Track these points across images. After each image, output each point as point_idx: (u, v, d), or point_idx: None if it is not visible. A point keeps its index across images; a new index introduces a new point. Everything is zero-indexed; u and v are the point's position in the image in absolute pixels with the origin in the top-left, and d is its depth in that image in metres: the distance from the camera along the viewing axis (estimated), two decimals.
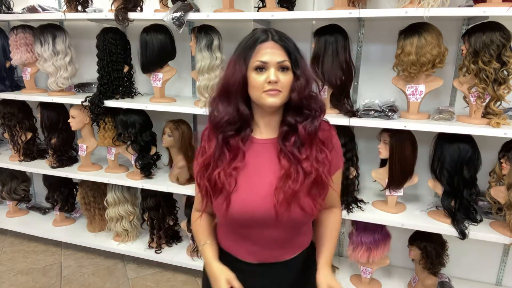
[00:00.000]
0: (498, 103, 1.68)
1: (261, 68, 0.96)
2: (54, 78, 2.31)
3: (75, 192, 2.71)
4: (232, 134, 1.01)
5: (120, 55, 2.23)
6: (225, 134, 1.01)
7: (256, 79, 0.96)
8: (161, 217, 2.39)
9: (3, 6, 2.40)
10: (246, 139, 1.04)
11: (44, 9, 2.25)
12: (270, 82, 0.94)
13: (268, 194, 0.99)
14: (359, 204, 1.99)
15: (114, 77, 2.24)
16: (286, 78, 0.96)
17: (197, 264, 2.31)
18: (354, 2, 1.84)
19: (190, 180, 2.27)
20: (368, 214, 1.92)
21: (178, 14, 1.93)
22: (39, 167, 2.54)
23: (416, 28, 1.68)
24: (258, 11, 1.99)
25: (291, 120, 1.01)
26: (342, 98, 1.91)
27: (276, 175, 1.00)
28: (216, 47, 2.00)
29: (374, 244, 1.93)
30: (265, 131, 1.06)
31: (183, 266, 2.35)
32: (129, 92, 2.35)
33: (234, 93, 0.99)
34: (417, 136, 1.84)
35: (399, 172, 1.84)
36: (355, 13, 1.70)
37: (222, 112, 1.01)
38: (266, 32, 0.99)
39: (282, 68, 0.96)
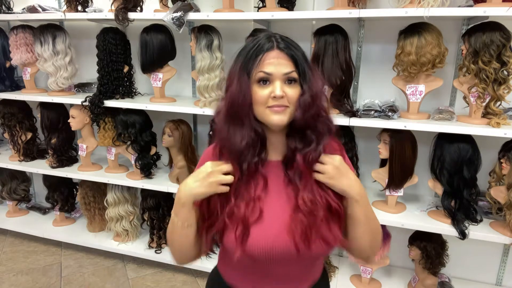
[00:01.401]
0: (498, 103, 1.68)
1: (265, 80, 0.85)
2: (54, 78, 2.31)
3: (75, 192, 2.70)
4: (256, 160, 0.89)
5: (120, 55, 2.23)
6: (249, 161, 0.88)
7: (259, 93, 0.84)
8: (161, 217, 2.39)
9: (3, 6, 2.40)
10: (264, 162, 0.92)
11: (44, 9, 2.25)
12: (275, 97, 0.83)
13: (286, 226, 0.88)
14: None
15: (114, 77, 2.24)
16: (293, 92, 0.85)
17: (197, 264, 2.31)
18: (354, 2, 1.85)
19: None
20: None
21: (178, 14, 1.93)
22: (39, 167, 2.53)
23: (416, 28, 1.68)
24: (258, 11, 1.99)
25: (291, 145, 0.90)
26: (342, 98, 1.91)
27: (290, 204, 0.89)
28: (216, 47, 2.00)
29: None
30: (273, 151, 0.94)
31: (183, 266, 2.35)
32: (129, 92, 2.35)
33: (245, 112, 0.86)
34: (417, 136, 1.84)
35: (399, 172, 1.84)
36: (355, 13, 1.70)
37: (238, 136, 0.87)
38: (271, 38, 0.87)
39: (289, 80, 0.85)
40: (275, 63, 0.84)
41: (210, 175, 0.88)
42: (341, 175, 0.88)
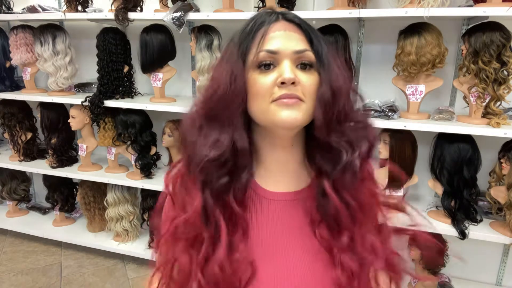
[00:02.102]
0: (498, 103, 1.67)
1: (268, 64, 0.58)
2: (54, 78, 2.31)
3: (75, 192, 2.70)
4: (226, 185, 0.58)
5: (120, 55, 2.23)
6: (214, 185, 0.58)
7: (260, 82, 0.57)
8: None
9: (3, 6, 2.39)
10: (242, 193, 0.60)
11: (44, 9, 2.25)
12: (283, 83, 0.56)
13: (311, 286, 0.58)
14: None
15: (114, 77, 2.24)
16: (310, 80, 0.58)
17: None
18: (354, 2, 1.85)
19: None
20: None
21: (178, 14, 1.93)
22: (39, 167, 2.53)
23: (416, 28, 1.68)
24: (258, 11, 1.99)
25: (316, 165, 0.61)
26: None
27: (313, 258, 0.60)
28: (216, 47, 2.00)
29: None
30: (280, 178, 0.64)
31: None
32: (129, 92, 2.35)
33: (227, 110, 0.58)
34: (417, 136, 1.84)
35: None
36: (355, 13, 1.70)
37: (206, 145, 0.58)
38: (273, 11, 0.63)
39: (303, 64, 0.58)
40: (282, 37, 0.58)
41: None
42: None
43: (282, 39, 0.58)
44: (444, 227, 1.78)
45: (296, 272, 0.59)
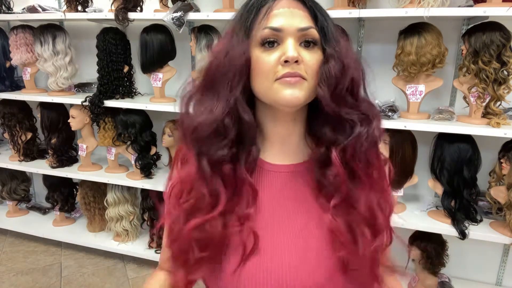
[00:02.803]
0: (498, 103, 1.67)
1: (271, 41, 0.58)
2: (54, 78, 2.31)
3: (75, 192, 2.70)
4: (224, 156, 0.59)
5: (120, 55, 2.23)
6: (211, 155, 0.58)
7: (263, 60, 0.58)
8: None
9: (3, 6, 2.39)
10: (253, 164, 0.63)
11: (44, 9, 2.25)
12: (287, 62, 0.56)
13: (303, 261, 0.60)
14: None
15: (114, 77, 2.24)
16: (313, 58, 0.58)
17: None
18: (354, 2, 1.85)
19: None
20: None
21: (178, 14, 1.93)
22: (39, 167, 2.53)
23: (416, 28, 1.68)
24: None
25: (331, 134, 0.61)
26: None
27: (314, 227, 0.62)
28: None
29: None
30: (282, 151, 0.66)
31: None
32: (129, 92, 2.35)
33: (228, 82, 0.58)
34: (417, 136, 1.84)
35: (399, 172, 1.84)
36: (355, 13, 1.70)
37: (203, 112, 0.59)
38: None
39: (307, 42, 0.59)
40: (286, 14, 0.58)
41: None
42: None
43: (286, 16, 0.58)
44: (444, 227, 1.78)
45: (299, 237, 0.61)
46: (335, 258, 0.60)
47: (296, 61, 0.57)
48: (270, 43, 0.58)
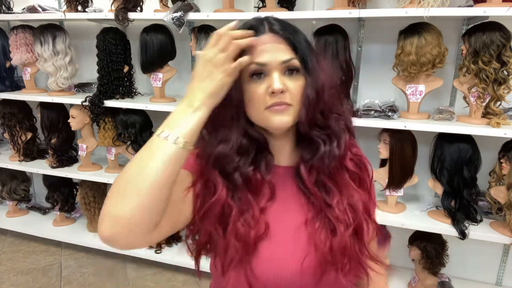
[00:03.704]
0: (498, 103, 1.68)
1: (259, 73, 0.67)
2: (54, 78, 2.31)
3: (75, 192, 2.70)
4: (252, 168, 0.71)
5: (120, 55, 2.23)
6: (242, 170, 0.70)
7: (255, 91, 0.67)
8: None
9: (3, 6, 2.39)
10: (270, 166, 0.74)
11: (44, 9, 2.25)
12: (273, 93, 0.66)
13: (303, 246, 0.71)
14: None
15: (114, 77, 2.24)
16: (296, 85, 0.68)
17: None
18: (354, 2, 1.84)
19: None
20: None
21: (178, 14, 1.93)
22: (39, 167, 2.53)
23: (416, 28, 1.68)
24: (258, 11, 2.00)
25: (302, 152, 0.74)
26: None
27: (305, 218, 0.74)
28: None
29: None
30: (281, 156, 0.78)
31: (183, 266, 2.35)
32: (129, 92, 2.35)
33: (231, 114, 0.69)
34: (417, 136, 1.84)
35: (399, 172, 1.84)
36: (355, 13, 1.70)
37: (223, 142, 0.70)
38: (262, 21, 0.70)
39: (290, 70, 0.68)
40: (270, 50, 0.67)
41: (224, 63, 0.64)
42: None
43: (270, 52, 0.67)
44: (444, 227, 1.78)
45: (301, 228, 0.72)
46: (321, 250, 0.70)
47: (282, 91, 0.66)
48: (257, 74, 0.68)
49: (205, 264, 0.80)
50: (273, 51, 0.67)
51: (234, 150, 0.69)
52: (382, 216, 1.90)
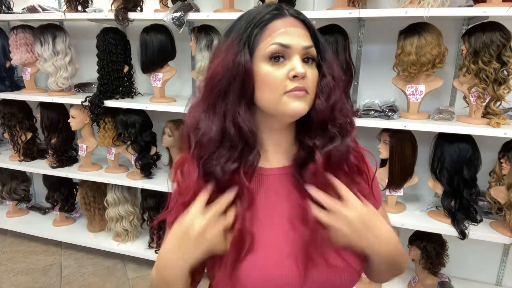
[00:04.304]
0: (498, 103, 1.67)
1: (278, 56, 0.63)
2: (54, 78, 2.31)
3: (75, 192, 2.70)
4: (235, 167, 0.65)
5: (120, 55, 2.23)
6: (224, 168, 0.65)
7: (272, 74, 0.63)
8: None
9: (3, 6, 2.39)
10: (252, 170, 0.68)
11: (44, 9, 2.25)
12: (295, 77, 0.63)
13: (291, 253, 0.67)
14: None
15: (114, 77, 2.24)
16: (313, 74, 0.66)
17: None
18: (354, 2, 1.85)
19: None
20: None
21: (178, 14, 1.93)
22: (39, 167, 2.53)
23: (416, 28, 1.68)
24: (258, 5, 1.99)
25: (309, 142, 0.68)
26: None
27: (298, 222, 0.69)
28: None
29: None
30: (274, 156, 0.73)
31: None
32: (129, 92, 2.35)
33: (228, 96, 0.64)
34: (417, 136, 1.84)
35: (399, 172, 1.84)
36: (355, 13, 1.70)
37: (209, 130, 0.65)
38: (277, 6, 0.67)
39: (307, 58, 0.65)
40: (293, 33, 0.64)
41: (206, 230, 0.63)
42: (366, 229, 0.65)
43: (293, 35, 0.64)
44: (444, 227, 1.78)
45: (289, 234, 0.69)
46: (317, 253, 0.67)
47: (303, 77, 0.63)
48: (277, 57, 0.63)
49: None
50: (296, 35, 0.64)
51: (219, 138, 0.65)
52: None
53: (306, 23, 0.67)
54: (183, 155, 0.72)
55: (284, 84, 0.63)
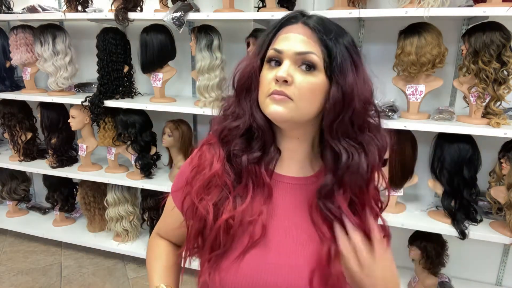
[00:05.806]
0: (498, 103, 1.68)
1: (274, 59, 0.65)
2: (54, 78, 2.31)
3: (75, 192, 2.70)
4: (258, 157, 0.68)
5: (120, 55, 2.23)
6: (250, 154, 0.68)
7: (264, 77, 0.66)
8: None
9: (3, 6, 2.39)
10: (273, 165, 0.71)
11: (44, 9, 2.25)
12: (277, 81, 0.63)
13: (299, 263, 0.67)
14: None
15: (114, 77, 2.24)
16: (306, 81, 0.63)
17: (197, 264, 2.30)
18: (354, 2, 1.85)
19: None
20: None
21: (178, 14, 1.93)
22: (39, 167, 2.53)
23: (416, 28, 1.68)
24: (258, 11, 1.99)
25: (330, 161, 0.67)
26: None
27: (309, 238, 0.68)
28: (216, 47, 2.00)
29: None
30: (287, 163, 0.73)
31: (183, 266, 2.35)
32: (129, 92, 2.35)
33: (244, 93, 0.69)
34: (417, 136, 1.84)
35: (399, 172, 1.84)
36: (355, 13, 1.70)
37: (238, 118, 0.70)
38: (300, 13, 0.69)
39: (307, 65, 0.63)
40: (291, 39, 0.64)
41: None
42: (381, 280, 0.62)
43: (291, 40, 0.64)
44: (444, 227, 1.78)
45: (294, 244, 0.68)
46: (320, 271, 0.66)
47: (286, 81, 0.62)
48: (272, 60, 0.66)
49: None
50: (293, 41, 0.64)
51: (245, 128, 0.68)
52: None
53: (317, 31, 0.64)
54: (206, 138, 0.75)
55: (269, 87, 0.64)
